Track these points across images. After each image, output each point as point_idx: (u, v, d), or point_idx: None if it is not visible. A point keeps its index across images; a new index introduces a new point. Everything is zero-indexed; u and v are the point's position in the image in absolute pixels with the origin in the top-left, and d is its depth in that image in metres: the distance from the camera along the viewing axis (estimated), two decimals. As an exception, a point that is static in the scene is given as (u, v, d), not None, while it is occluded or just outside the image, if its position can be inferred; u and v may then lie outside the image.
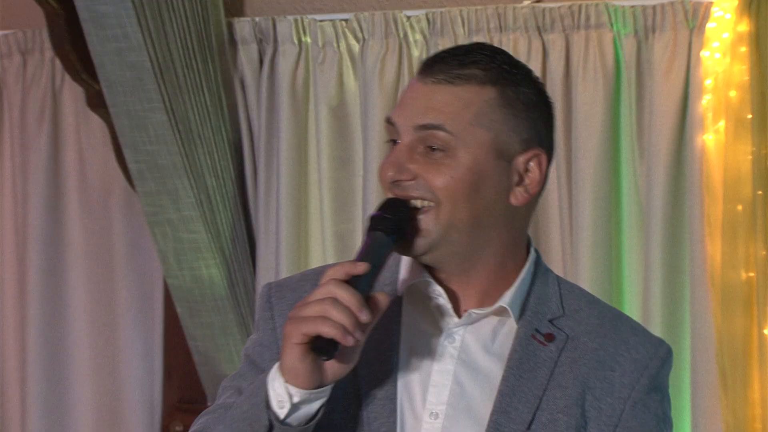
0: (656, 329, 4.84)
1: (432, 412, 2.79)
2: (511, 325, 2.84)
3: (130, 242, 5.48)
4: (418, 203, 2.76)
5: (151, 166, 5.09)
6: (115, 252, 5.49)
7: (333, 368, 2.67)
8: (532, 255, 2.92)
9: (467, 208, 2.78)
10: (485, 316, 2.82)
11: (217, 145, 5.23)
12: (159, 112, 4.95)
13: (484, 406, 2.79)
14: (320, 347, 2.61)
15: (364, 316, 2.62)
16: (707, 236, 4.80)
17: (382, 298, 2.71)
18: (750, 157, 4.74)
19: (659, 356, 2.88)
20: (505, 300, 2.78)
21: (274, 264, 5.25)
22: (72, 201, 5.49)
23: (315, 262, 5.24)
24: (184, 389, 5.44)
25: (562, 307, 2.89)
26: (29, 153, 5.47)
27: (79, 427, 5.57)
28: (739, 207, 4.75)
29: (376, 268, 2.72)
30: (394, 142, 2.81)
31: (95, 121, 5.31)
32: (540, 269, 2.93)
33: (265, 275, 5.26)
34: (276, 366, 2.67)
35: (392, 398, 2.83)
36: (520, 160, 2.79)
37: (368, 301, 2.66)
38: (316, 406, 2.67)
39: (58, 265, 5.51)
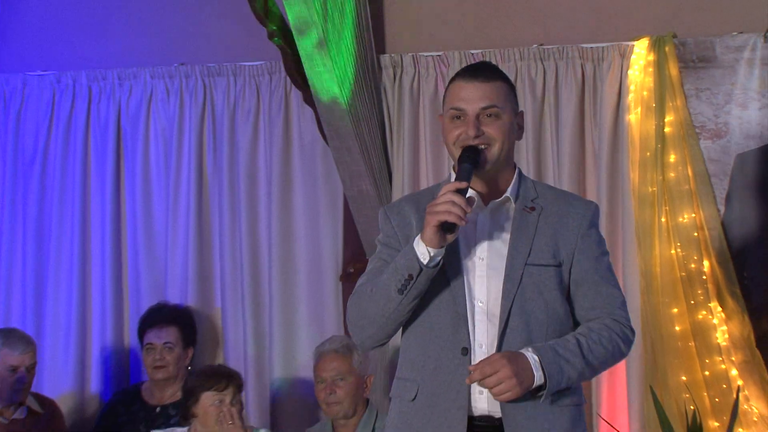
0: (603, 217, 5.14)
1: (480, 257, 3.28)
2: (512, 207, 3.33)
3: (326, 172, 5.79)
4: (482, 146, 3.24)
5: (336, 132, 5.43)
6: (318, 177, 5.82)
7: (449, 238, 3.16)
8: (517, 169, 3.39)
9: (507, 144, 3.28)
10: (499, 203, 3.31)
11: (371, 122, 5.53)
12: (341, 104, 5.31)
13: (504, 249, 3.27)
14: (448, 227, 3.13)
15: (469, 209, 3.10)
16: (631, 169, 5.23)
17: (473, 200, 3.17)
18: (654, 127, 5.19)
19: (591, 209, 3.36)
20: (508, 192, 3.30)
21: (401, 183, 5.59)
22: (296, 150, 5.83)
23: (423, 181, 5.60)
24: (354, 249, 5.76)
25: (536, 192, 3.35)
26: (274, 127, 5.82)
27: (301, 273, 5.82)
28: (648, 153, 5.19)
29: (468, 182, 3.17)
30: (459, 118, 3.26)
31: (308, 109, 5.68)
32: (522, 176, 3.41)
33: (396, 189, 5.59)
34: (418, 237, 3.16)
35: (460, 258, 3.29)
36: (517, 117, 3.33)
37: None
38: (438, 257, 3.16)
39: (287, 184, 5.82)
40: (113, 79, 6.05)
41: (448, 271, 3.24)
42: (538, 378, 3.09)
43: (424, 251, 3.13)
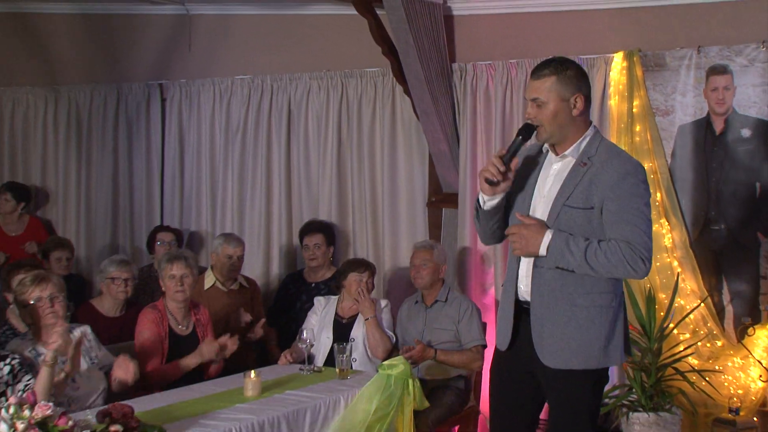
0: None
1: (541, 196, 3.09)
2: (571, 162, 3.05)
3: (417, 137, 5.82)
4: (536, 124, 3.02)
5: (425, 112, 5.51)
6: (413, 140, 5.86)
7: (497, 188, 3.03)
8: (590, 130, 3.04)
9: (554, 124, 3.01)
10: (560, 158, 3.07)
11: (447, 107, 5.58)
12: (427, 95, 5.38)
13: (555, 193, 3.04)
14: (489, 181, 3.03)
15: (502, 168, 2.99)
16: (611, 135, 5.12)
17: (515, 163, 3.02)
18: (626, 109, 5.15)
19: (625, 166, 2.95)
20: (567, 152, 3.04)
21: (465, 146, 5.52)
22: (399, 124, 5.90)
23: (479, 146, 5.50)
24: (434, 186, 5.84)
25: (596, 151, 3.00)
26: (385, 109, 5.89)
27: (402, 201, 5.90)
28: (622, 125, 5.15)
29: (514, 151, 3.01)
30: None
31: (407, 98, 5.69)
32: (595, 135, 3.05)
33: (462, 149, 5.53)
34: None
35: (530, 195, 3.12)
36: (571, 99, 3.00)
37: (509, 164, 3.01)
38: (490, 201, 3.07)
39: (393, 145, 5.88)
40: (286, 80, 6.24)
41: (521, 206, 3.12)
42: (543, 251, 2.97)
43: (480, 197, 3.13)
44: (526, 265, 3.08)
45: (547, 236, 2.95)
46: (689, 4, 5.06)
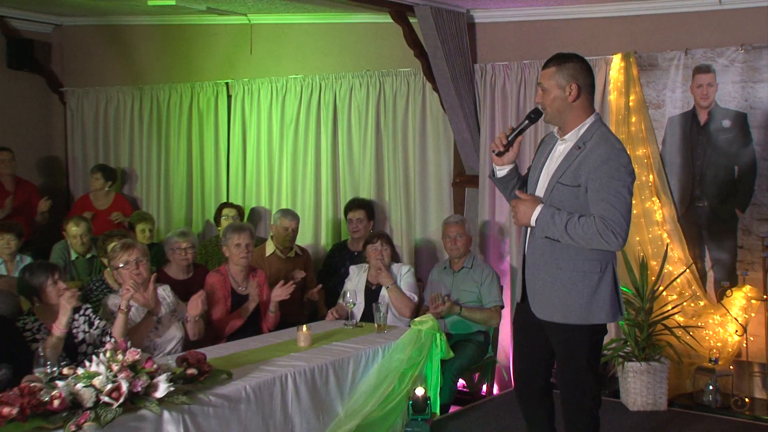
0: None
1: (545, 173, 3.04)
2: (569, 145, 2.99)
3: (444, 127, 5.70)
4: (541, 108, 3.00)
5: (450, 106, 5.44)
6: (440, 130, 5.76)
7: (504, 159, 3.05)
8: (590, 118, 2.95)
9: (553, 108, 2.98)
10: (561, 142, 3.01)
11: (469, 101, 5.51)
12: (452, 91, 5.29)
13: (553, 171, 2.99)
14: (497, 153, 3.06)
15: (505, 141, 3.01)
16: (611, 125, 5.02)
17: (517, 142, 3.00)
18: (623, 102, 5.06)
19: (608, 152, 2.89)
20: (566, 137, 2.99)
21: (485, 134, 5.42)
22: (428, 116, 5.77)
23: (497, 134, 5.02)
24: (458, 169, 5.74)
25: (591, 137, 2.94)
26: (416, 104, 5.79)
27: (431, 181, 5.80)
28: (620, 117, 5.07)
29: (520, 131, 3.01)
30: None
31: (436, 94, 5.61)
32: (594, 123, 2.95)
33: (482, 137, 5.46)
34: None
35: (540, 172, 3.06)
36: (566, 87, 2.94)
37: (513, 141, 3.01)
38: (499, 171, 3.07)
39: (423, 134, 5.79)
40: (332, 78, 6.19)
41: (533, 181, 3.09)
42: (533, 223, 2.97)
43: (494, 167, 3.15)
44: (529, 233, 3.08)
45: (537, 210, 2.93)
46: (678, 12, 5.04)
